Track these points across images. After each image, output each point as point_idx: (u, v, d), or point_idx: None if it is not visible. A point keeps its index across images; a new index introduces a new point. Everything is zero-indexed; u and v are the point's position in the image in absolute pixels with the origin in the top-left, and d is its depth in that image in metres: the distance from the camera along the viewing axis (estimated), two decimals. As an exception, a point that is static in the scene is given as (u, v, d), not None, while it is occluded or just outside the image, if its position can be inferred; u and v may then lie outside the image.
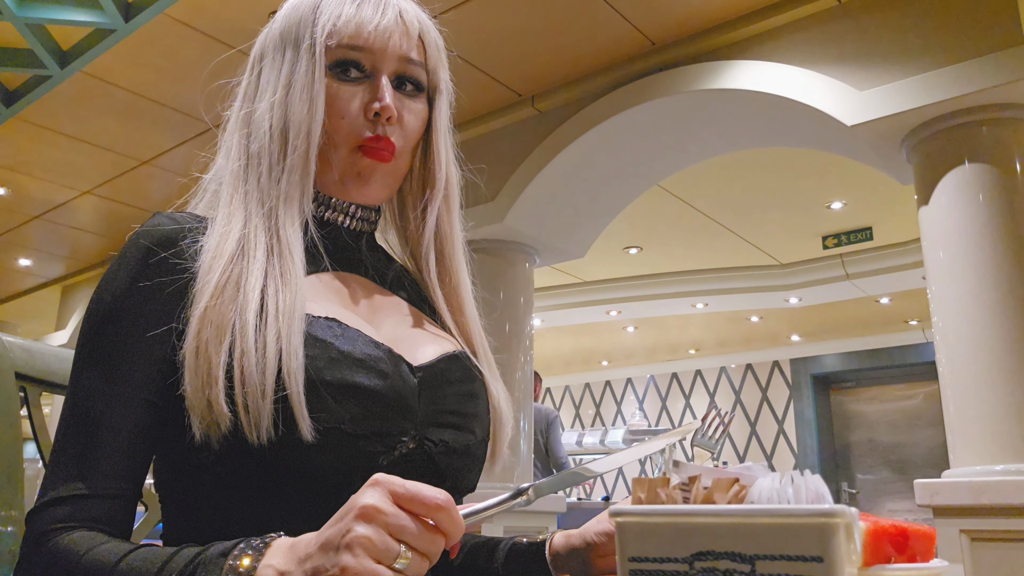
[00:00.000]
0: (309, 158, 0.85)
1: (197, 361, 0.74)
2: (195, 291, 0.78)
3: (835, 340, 8.92)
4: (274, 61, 0.89)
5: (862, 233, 6.20)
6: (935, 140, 3.15)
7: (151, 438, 0.78)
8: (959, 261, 2.99)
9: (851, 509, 0.48)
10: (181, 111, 4.50)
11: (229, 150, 0.89)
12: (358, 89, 0.87)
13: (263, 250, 0.81)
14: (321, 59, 0.86)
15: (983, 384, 2.85)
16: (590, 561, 0.87)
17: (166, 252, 0.80)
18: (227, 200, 0.85)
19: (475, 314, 0.96)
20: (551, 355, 10.02)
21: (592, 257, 5.46)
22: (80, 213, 5.94)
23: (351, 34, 0.86)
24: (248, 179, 0.86)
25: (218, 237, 0.81)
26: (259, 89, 0.90)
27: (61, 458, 0.75)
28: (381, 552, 0.58)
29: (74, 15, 3.65)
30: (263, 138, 0.86)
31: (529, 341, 4.42)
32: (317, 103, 0.85)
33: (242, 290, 0.77)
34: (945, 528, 2.79)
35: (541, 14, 3.63)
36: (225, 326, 0.75)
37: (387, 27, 0.87)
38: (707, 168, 4.84)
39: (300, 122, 0.84)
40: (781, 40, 3.51)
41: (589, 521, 0.88)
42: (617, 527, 0.54)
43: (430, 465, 0.81)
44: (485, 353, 0.94)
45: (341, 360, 0.77)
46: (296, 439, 0.72)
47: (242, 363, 0.73)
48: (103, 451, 0.75)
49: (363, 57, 0.87)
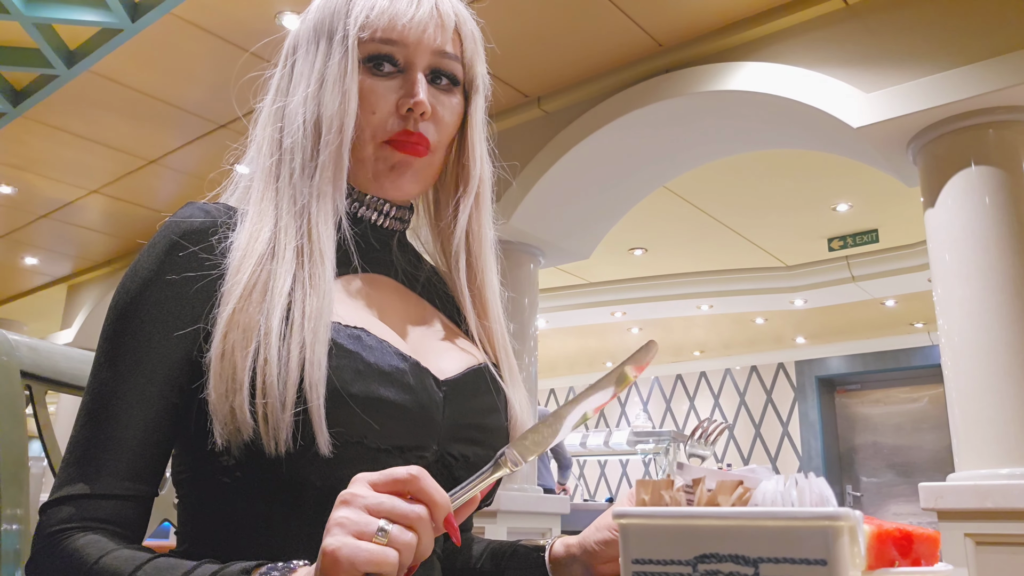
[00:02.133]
0: (342, 153, 0.83)
1: (222, 366, 0.73)
2: (223, 291, 0.76)
3: (840, 342, 8.90)
4: (307, 54, 0.87)
5: (868, 235, 6.19)
6: (941, 142, 3.15)
7: (168, 438, 0.77)
8: (965, 264, 2.98)
9: (855, 512, 0.48)
10: (188, 110, 4.51)
11: (260, 144, 0.88)
12: (391, 83, 0.85)
13: (292, 251, 0.79)
14: (354, 52, 0.83)
15: (988, 387, 2.85)
16: (590, 568, 0.86)
17: (196, 246, 0.79)
18: (258, 197, 0.84)
19: (500, 317, 0.94)
20: (555, 356, 10.01)
21: (597, 258, 5.46)
22: (87, 212, 5.96)
23: (385, 27, 0.84)
24: (280, 175, 0.84)
25: (248, 235, 0.80)
26: (292, 82, 0.88)
27: (74, 454, 0.74)
28: (360, 527, 0.59)
29: (81, 15, 3.67)
30: (296, 133, 0.84)
31: (534, 342, 4.42)
32: (350, 97, 0.83)
33: (269, 293, 0.76)
34: (950, 532, 2.78)
35: (548, 16, 3.63)
36: (252, 330, 0.74)
37: (422, 20, 0.84)
38: (713, 170, 4.83)
39: (332, 116, 0.82)
40: (787, 42, 3.51)
41: (588, 528, 0.87)
42: (621, 529, 0.54)
43: (449, 479, 0.80)
44: (508, 359, 0.93)
45: (367, 372, 0.76)
46: (314, 451, 0.72)
47: (264, 372, 0.72)
48: (114, 450, 0.74)
49: (396, 51, 0.85)
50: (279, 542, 0.76)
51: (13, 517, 0.95)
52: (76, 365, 1.07)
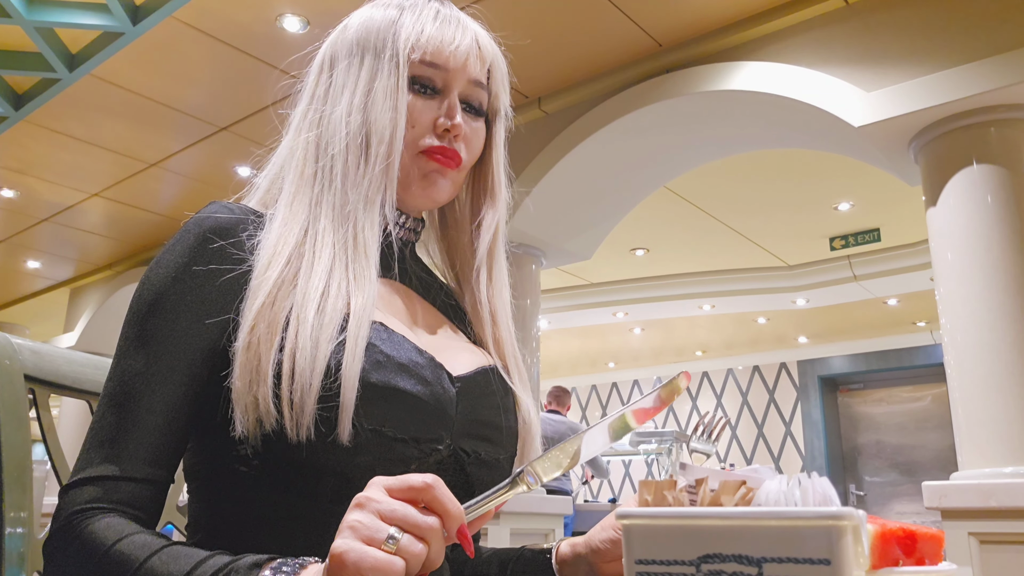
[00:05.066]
0: (392, 166, 0.87)
1: (248, 356, 0.75)
2: (252, 286, 0.79)
3: (843, 342, 8.89)
4: (350, 67, 0.91)
5: (870, 234, 6.19)
6: (943, 141, 3.14)
7: (188, 426, 0.79)
8: (967, 262, 2.98)
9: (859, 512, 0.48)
10: (189, 114, 4.51)
11: (294, 149, 0.91)
12: (431, 103, 0.90)
13: (329, 251, 0.82)
14: (405, 70, 0.88)
15: (992, 386, 2.84)
16: (596, 567, 0.87)
17: (224, 240, 0.81)
18: (288, 200, 0.87)
19: (511, 327, 0.99)
20: (557, 357, 10.01)
21: (599, 259, 5.46)
22: (89, 215, 5.96)
23: (433, 51, 0.89)
24: (320, 181, 0.87)
25: (277, 235, 0.83)
26: (331, 91, 0.91)
27: (96, 437, 0.76)
28: (370, 532, 0.60)
29: (82, 18, 3.67)
30: (340, 143, 0.87)
31: (536, 343, 4.42)
32: (400, 112, 0.87)
33: (302, 288, 0.79)
34: (953, 531, 2.78)
35: (548, 16, 3.63)
36: (278, 324, 0.77)
37: (466, 50, 0.91)
38: (714, 170, 4.83)
39: (383, 129, 0.87)
40: (788, 41, 3.51)
41: (594, 527, 0.88)
42: (624, 529, 0.54)
43: (460, 474, 0.82)
44: (517, 366, 0.97)
45: (387, 364, 0.79)
46: (333, 439, 0.74)
47: (294, 359, 0.75)
48: (137, 434, 0.75)
49: (437, 75, 0.90)
50: (293, 533, 0.77)
51: (17, 520, 0.95)
52: (79, 368, 1.07)
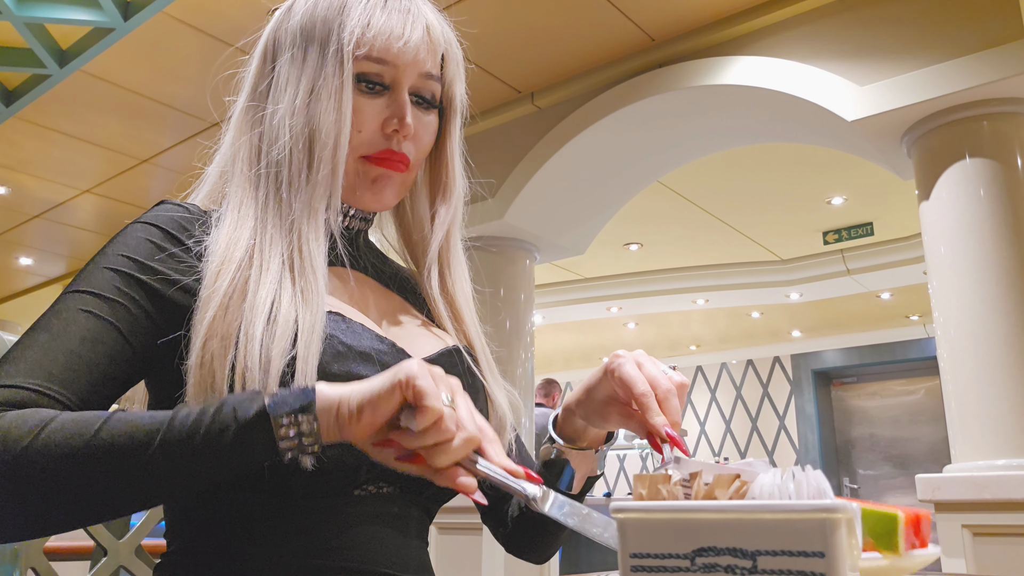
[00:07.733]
0: (336, 172, 0.84)
1: (201, 372, 0.73)
2: (201, 298, 0.77)
3: (836, 336, 8.92)
4: (294, 59, 0.88)
5: (863, 228, 6.20)
6: (936, 135, 3.15)
7: (115, 370, 0.75)
8: (960, 256, 2.98)
9: (852, 504, 0.48)
10: (180, 109, 4.49)
11: (238, 150, 0.88)
12: (378, 102, 0.87)
13: (278, 262, 0.80)
14: (349, 68, 0.84)
15: (984, 379, 2.85)
16: (590, 414, 0.88)
17: (181, 235, 0.82)
18: (236, 203, 0.84)
19: (474, 318, 0.97)
20: (551, 352, 10.02)
21: (592, 253, 5.46)
22: (80, 212, 5.94)
23: (380, 47, 0.85)
24: (264, 185, 0.85)
25: (226, 241, 0.80)
26: (274, 86, 0.88)
27: (11, 352, 0.73)
28: (435, 377, 0.64)
29: (73, 14, 3.65)
30: (284, 147, 0.84)
31: (530, 338, 4.42)
32: (344, 114, 0.84)
33: (248, 302, 0.76)
34: (947, 523, 2.79)
35: (540, 10, 3.62)
36: (230, 338, 0.74)
37: (415, 44, 0.86)
38: (707, 164, 4.83)
39: (328, 132, 0.83)
40: (781, 35, 3.51)
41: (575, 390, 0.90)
42: (618, 524, 0.54)
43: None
44: (484, 353, 0.95)
45: (347, 354, 0.78)
46: None
47: (244, 377, 0.73)
48: (54, 352, 0.72)
49: (386, 71, 0.86)
50: (270, 531, 0.76)
51: (8, 518, 0.94)
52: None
